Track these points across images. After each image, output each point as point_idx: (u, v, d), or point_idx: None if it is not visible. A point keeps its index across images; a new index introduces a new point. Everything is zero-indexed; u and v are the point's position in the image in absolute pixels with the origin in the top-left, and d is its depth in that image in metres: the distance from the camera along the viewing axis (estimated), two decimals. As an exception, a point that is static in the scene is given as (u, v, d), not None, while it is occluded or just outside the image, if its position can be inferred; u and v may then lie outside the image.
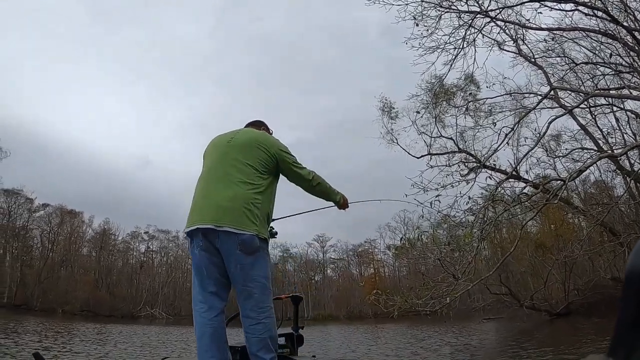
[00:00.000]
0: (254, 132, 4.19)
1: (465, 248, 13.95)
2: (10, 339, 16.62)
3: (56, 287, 69.52)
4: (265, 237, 3.72)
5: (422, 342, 20.01)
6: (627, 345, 1.16)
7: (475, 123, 20.43)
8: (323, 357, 5.77)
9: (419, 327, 29.45)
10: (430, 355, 14.71)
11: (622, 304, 1.20)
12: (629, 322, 1.20)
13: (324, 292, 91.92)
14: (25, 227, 76.96)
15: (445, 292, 13.86)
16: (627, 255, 1.67)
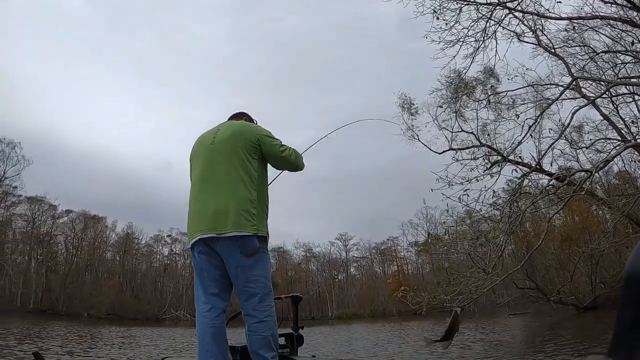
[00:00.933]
0: (234, 125, 4.19)
1: (494, 242, 13.80)
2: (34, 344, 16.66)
3: (81, 291, 70.06)
4: (263, 234, 3.74)
5: (453, 339, 19.78)
6: (627, 346, 1.17)
7: (497, 116, 20.18)
8: (323, 357, 5.75)
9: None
10: (464, 353, 14.52)
11: (622, 305, 1.21)
12: (628, 323, 1.20)
13: (347, 291, 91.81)
14: (49, 233, 77.68)
15: (475, 287, 13.73)
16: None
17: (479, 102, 20.15)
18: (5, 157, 66.31)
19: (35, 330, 25.95)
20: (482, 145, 20.65)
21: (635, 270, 1.19)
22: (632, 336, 1.16)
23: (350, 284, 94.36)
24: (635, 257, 1.19)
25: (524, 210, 13.94)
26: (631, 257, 1.20)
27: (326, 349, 18.15)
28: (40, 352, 4.60)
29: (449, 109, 21.00)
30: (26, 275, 70.49)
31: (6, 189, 70.38)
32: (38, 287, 70.10)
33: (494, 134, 20.24)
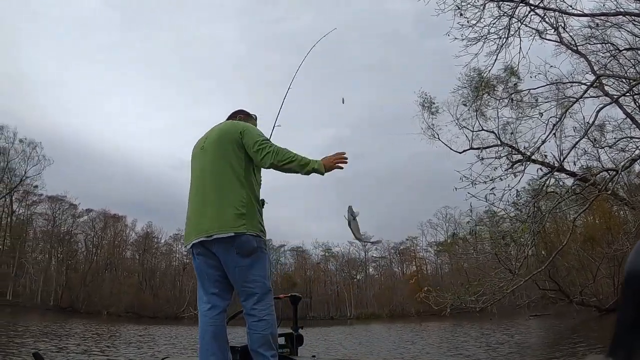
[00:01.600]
0: (222, 125, 4.17)
1: (520, 241, 13.64)
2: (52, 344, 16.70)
3: (101, 289, 70.60)
4: (256, 232, 3.72)
5: (478, 341, 19.53)
6: (627, 346, 1.15)
7: (519, 114, 19.92)
8: (323, 357, 5.73)
9: (466, 325, 28.95)
10: (490, 354, 14.35)
11: (622, 305, 1.20)
12: (628, 323, 1.18)
13: (366, 291, 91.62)
14: (69, 232, 78.63)
15: (501, 287, 13.59)
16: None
17: (500, 100, 19.95)
18: (27, 157, 67.28)
19: (53, 328, 26.06)
20: (503, 144, 20.42)
21: (635, 270, 1.17)
22: (632, 336, 1.14)
23: (369, 284, 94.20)
24: (635, 257, 1.16)
25: (550, 209, 13.80)
26: (631, 257, 1.18)
27: (347, 350, 18.04)
28: (40, 352, 4.60)
29: (470, 108, 20.84)
30: (46, 273, 71.30)
31: (27, 188, 71.38)
32: (58, 285, 70.87)
33: (515, 133, 20.02)
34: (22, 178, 68.47)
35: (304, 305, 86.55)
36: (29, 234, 76.43)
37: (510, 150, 19.68)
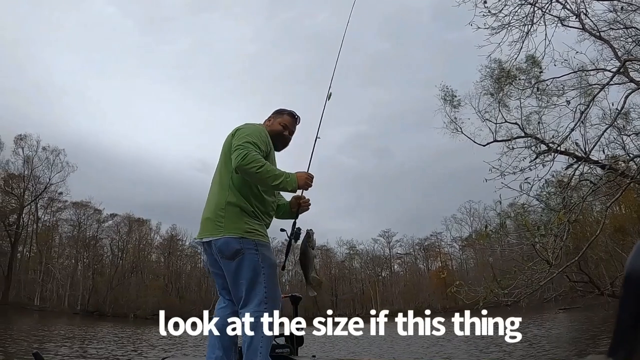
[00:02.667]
0: (233, 130, 4.05)
1: (555, 232, 13.37)
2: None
3: (127, 293, 71.10)
4: (242, 235, 3.69)
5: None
6: (627, 346, 1.17)
7: (541, 105, 19.53)
8: (323, 357, 5.63)
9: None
10: (531, 350, 14.09)
11: (622, 304, 1.22)
12: (628, 323, 1.20)
13: (391, 288, 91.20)
14: (95, 237, 79.35)
15: (533, 280, 13.35)
16: None
17: (523, 90, 19.58)
18: (50, 164, 68.00)
19: (82, 331, 26.26)
20: (528, 135, 20.06)
21: (635, 270, 1.19)
22: (632, 336, 1.16)
23: (394, 280, 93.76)
24: (635, 257, 1.18)
25: (584, 197, 13.50)
26: (631, 257, 1.19)
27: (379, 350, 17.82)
28: (40, 353, 4.57)
29: (492, 99, 20.52)
30: (73, 278, 72.01)
31: (52, 195, 72.12)
32: (85, 289, 71.48)
33: (541, 122, 19.65)
34: (47, 185, 69.37)
35: (330, 304, 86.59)
36: (55, 240, 77.33)
37: (535, 142, 19.34)
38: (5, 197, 68.87)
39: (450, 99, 22.37)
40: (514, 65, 18.26)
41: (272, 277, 3.74)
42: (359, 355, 16.18)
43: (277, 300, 3.74)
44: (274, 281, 3.75)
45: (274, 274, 3.77)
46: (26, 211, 70.31)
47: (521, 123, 20.13)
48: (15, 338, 19.92)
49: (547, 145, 17.60)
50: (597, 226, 19.21)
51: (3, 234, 66.77)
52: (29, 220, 72.36)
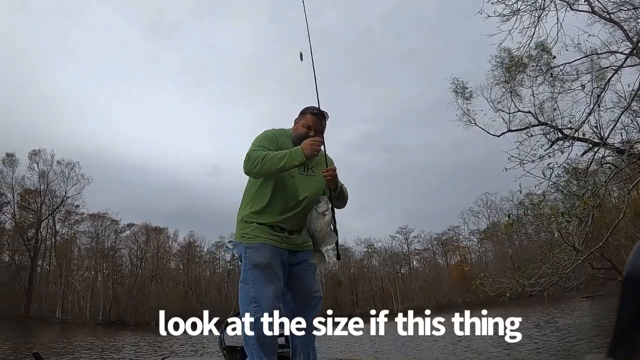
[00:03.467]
0: None
1: (581, 217, 13.22)
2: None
3: (148, 301, 71.22)
4: (239, 241, 3.92)
5: (544, 327, 18.86)
6: (627, 346, 1.18)
7: (557, 90, 19.32)
8: (323, 357, 5.57)
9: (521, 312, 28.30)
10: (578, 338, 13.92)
11: (622, 304, 1.23)
12: (628, 323, 1.21)
13: (411, 284, 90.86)
14: (113, 247, 79.71)
15: (558, 268, 13.20)
16: None
17: (535, 78, 19.38)
18: (66, 178, 68.70)
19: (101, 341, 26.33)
20: (542, 123, 19.88)
21: (635, 270, 1.20)
22: (632, 336, 1.16)
23: (413, 277, 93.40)
24: (635, 257, 1.18)
25: (606, 182, 13.35)
26: (631, 257, 1.19)
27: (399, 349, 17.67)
28: (39, 353, 4.57)
29: (504, 89, 20.37)
30: (93, 289, 72.46)
31: (69, 208, 72.74)
32: (106, 299, 71.90)
33: (556, 109, 19.44)
34: (63, 199, 70.09)
35: (350, 302, 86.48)
36: (74, 252, 77.86)
37: (549, 129, 19.15)
38: (23, 212, 69.75)
39: (461, 91, 22.25)
40: (525, 53, 18.03)
41: (259, 278, 3.74)
42: (359, 355, 16.07)
43: (267, 300, 3.69)
44: (260, 281, 3.74)
45: (261, 274, 3.75)
46: (44, 225, 71.10)
47: (534, 111, 19.95)
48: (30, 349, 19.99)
49: (562, 132, 17.43)
50: (617, 212, 19.02)
51: (22, 249, 67.59)
52: (47, 234, 73.05)
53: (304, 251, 3.96)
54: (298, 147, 3.68)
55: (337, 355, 14.04)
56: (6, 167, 67.61)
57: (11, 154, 67.67)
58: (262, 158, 3.65)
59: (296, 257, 3.97)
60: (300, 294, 4.03)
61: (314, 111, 4.05)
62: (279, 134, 4.05)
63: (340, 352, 16.54)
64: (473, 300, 71.22)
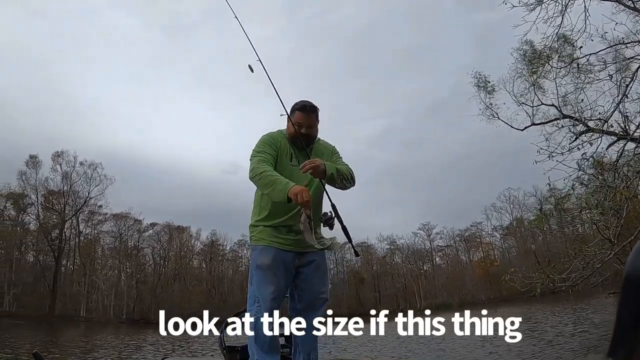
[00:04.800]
0: None
1: (615, 209, 13.03)
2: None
3: (171, 300, 71.60)
4: (251, 244, 4.13)
5: (578, 324, 18.57)
6: (627, 346, 1.17)
7: (581, 82, 19.02)
8: (323, 357, 5.52)
9: (548, 308, 28.02)
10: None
11: (622, 304, 1.22)
12: (628, 322, 1.20)
13: (434, 281, 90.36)
14: (136, 246, 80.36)
15: (593, 261, 13.00)
16: None
17: (558, 70, 19.09)
18: (89, 179, 69.37)
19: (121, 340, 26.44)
20: (565, 116, 19.60)
21: (635, 270, 1.18)
22: (632, 336, 1.16)
23: (436, 273, 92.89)
24: (635, 257, 1.18)
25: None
26: (631, 257, 1.19)
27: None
28: (39, 353, 4.62)
29: (527, 82, 20.13)
30: (117, 288, 73.09)
31: (92, 208, 73.48)
32: (129, 298, 72.52)
33: (583, 101, 19.16)
34: (86, 199, 70.82)
35: (373, 300, 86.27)
36: (98, 252, 78.76)
37: (574, 122, 18.88)
38: (47, 213, 70.61)
39: (483, 84, 22.04)
40: (549, 44, 17.77)
41: (261, 277, 3.90)
42: (359, 355, 15.96)
43: (266, 301, 3.79)
44: (262, 282, 3.88)
45: (262, 275, 3.89)
46: (68, 226, 71.83)
47: (558, 104, 19.68)
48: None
49: (587, 124, 17.17)
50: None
51: (47, 249, 68.46)
52: (71, 235, 73.84)
53: (312, 252, 4.02)
54: (286, 185, 3.61)
55: (337, 355, 13.99)
56: (30, 169, 68.70)
57: (34, 156, 68.75)
58: (260, 175, 3.75)
59: (304, 258, 4.04)
60: (306, 294, 4.08)
61: (300, 108, 4.15)
62: (276, 137, 4.15)
63: (342, 352, 16.48)
64: (497, 296, 70.69)
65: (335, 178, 3.93)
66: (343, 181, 4.01)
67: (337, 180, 3.96)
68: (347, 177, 4.04)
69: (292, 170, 3.98)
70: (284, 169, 3.97)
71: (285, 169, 3.99)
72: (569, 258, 13.88)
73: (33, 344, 21.04)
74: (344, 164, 4.21)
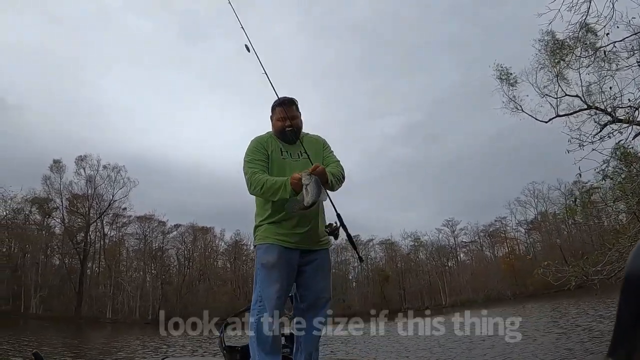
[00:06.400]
0: None
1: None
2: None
3: (196, 300, 71.96)
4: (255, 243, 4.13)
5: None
6: (627, 346, 1.17)
7: (606, 70, 18.64)
8: (323, 357, 5.44)
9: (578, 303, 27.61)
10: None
11: (622, 304, 1.22)
12: (629, 322, 1.20)
13: (459, 277, 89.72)
14: (161, 248, 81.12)
15: (622, 253, 12.78)
16: None
17: (581, 59, 18.75)
18: (112, 182, 70.08)
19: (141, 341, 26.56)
20: (590, 107, 19.29)
21: (635, 270, 1.19)
22: (632, 336, 1.15)
23: (461, 270, 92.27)
24: (635, 257, 1.18)
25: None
26: (631, 257, 1.20)
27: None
28: (39, 353, 4.58)
29: (550, 73, 19.86)
30: (142, 289, 73.80)
31: (116, 211, 74.38)
32: (155, 299, 73.10)
33: (610, 88, 18.79)
34: (110, 202, 71.65)
35: (398, 297, 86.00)
36: (123, 254, 79.57)
37: (600, 113, 18.55)
38: (72, 216, 71.39)
39: (506, 77, 21.79)
40: (576, 32, 17.42)
41: (264, 277, 3.91)
42: (359, 355, 15.82)
43: (270, 300, 3.81)
44: (265, 281, 3.89)
45: (266, 274, 3.90)
46: (93, 229, 72.79)
47: (582, 95, 19.38)
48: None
49: (612, 115, 16.88)
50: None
51: (72, 252, 69.33)
52: (96, 237, 74.90)
53: (315, 251, 4.06)
54: (287, 181, 3.75)
55: (337, 355, 13.89)
56: (54, 173, 69.72)
57: (58, 161, 69.77)
58: (260, 188, 3.84)
59: (307, 257, 4.04)
60: (308, 294, 4.07)
61: (279, 103, 4.23)
62: (264, 139, 4.23)
63: (341, 352, 16.36)
64: (522, 292, 70.11)
65: (334, 184, 3.98)
66: (335, 186, 4.02)
67: (334, 186, 4.01)
68: (338, 178, 4.07)
69: (283, 162, 4.10)
70: (276, 163, 4.09)
71: (277, 162, 4.10)
72: (604, 250, 13.62)
73: (39, 346, 21.14)
74: (335, 159, 4.32)
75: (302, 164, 4.03)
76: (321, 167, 3.77)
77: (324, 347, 14.75)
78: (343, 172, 4.18)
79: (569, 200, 20.26)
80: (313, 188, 3.60)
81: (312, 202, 3.59)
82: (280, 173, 3.99)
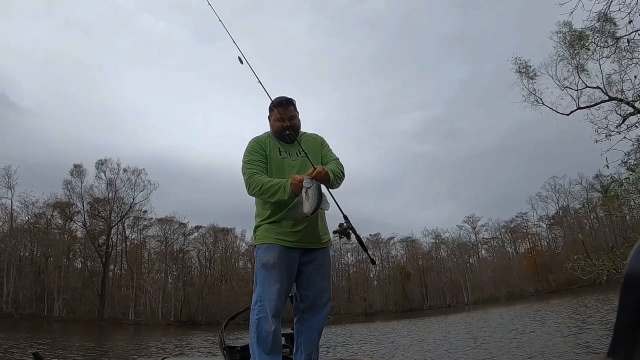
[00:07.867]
0: None
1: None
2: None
3: (218, 301, 72.35)
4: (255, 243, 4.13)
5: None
6: (627, 346, 1.16)
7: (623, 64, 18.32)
8: (323, 357, 5.37)
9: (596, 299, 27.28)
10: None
11: (622, 304, 1.21)
12: (628, 323, 1.20)
13: (480, 275, 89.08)
14: (182, 249, 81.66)
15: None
16: None
17: (602, 50, 18.44)
18: (133, 185, 70.48)
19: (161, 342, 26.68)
20: (611, 98, 18.98)
21: (635, 270, 1.18)
22: (632, 336, 1.16)
23: (482, 267, 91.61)
24: (635, 256, 1.17)
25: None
26: (631, 257, 1.18)
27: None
28: (39, 353, 4.62)
29: (569, 65, 19.59)
30: (164, 291, 74.31)
31: (137, 214, 74.79)
32: (177, 300, 73.58)
33: (621, 84, 18.50)
34: (131, 205, 72.12)
35: (420, 295, 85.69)
36: (144, 256, 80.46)
37: (619, 103, 18.25)
38: (93, 220, 71.99)
39: (524, 70, 21.53)
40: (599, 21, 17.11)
41: (265, 276, 3.88)
42: (359, 355, 15.70)
43: (270, 300, 3.79)
44: (266, 281, 3.87)
45: (267, 274, 3.88)
46: (114, 232, 73.52)
47: (603, 86, 19.09)
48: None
49: (634, 106, 16.63)
50: None
51: (94, 255, 69.99)
52: (117, 240, 75.63)
53: (315, 250, 4.05)
54: (286, 182, 3.75)
55: (338, 355, 13.79)
56: (74, 177, 70.17)
57: (78, 165, 70.32)
58: (259, 189, 3.87)
59: (307, 256, 4.02)
60: (308, 293, 4.07)
61: (277, 104, 4.19)
62: (262, 138, 4.23)
63: (341, 352, 16.25)
64: (545, 288, 69.55)
65: (334, 182, 4.02)
66: (336, 184, 4.06)
67: (335, 184, 4.04)
68: (339, 176, 4.11)
69: (282, 161, 4.10)
70: (275, 163, 4.09)
71: (276, 162, 4.10)
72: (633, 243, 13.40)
73: (38, 346, 21.25)
74: (334, 157, 4.34)
75: (300, 163, 4.07)
76: (323, 171, 3.76)
77: (324, 347, 14.66)
78: (343, 170, 4.21)
79: (601, 190, 19.96)
80: (314, 194, 3.58)
81: (312, 210, 3.57)
82: (279, 172, 4.02)
